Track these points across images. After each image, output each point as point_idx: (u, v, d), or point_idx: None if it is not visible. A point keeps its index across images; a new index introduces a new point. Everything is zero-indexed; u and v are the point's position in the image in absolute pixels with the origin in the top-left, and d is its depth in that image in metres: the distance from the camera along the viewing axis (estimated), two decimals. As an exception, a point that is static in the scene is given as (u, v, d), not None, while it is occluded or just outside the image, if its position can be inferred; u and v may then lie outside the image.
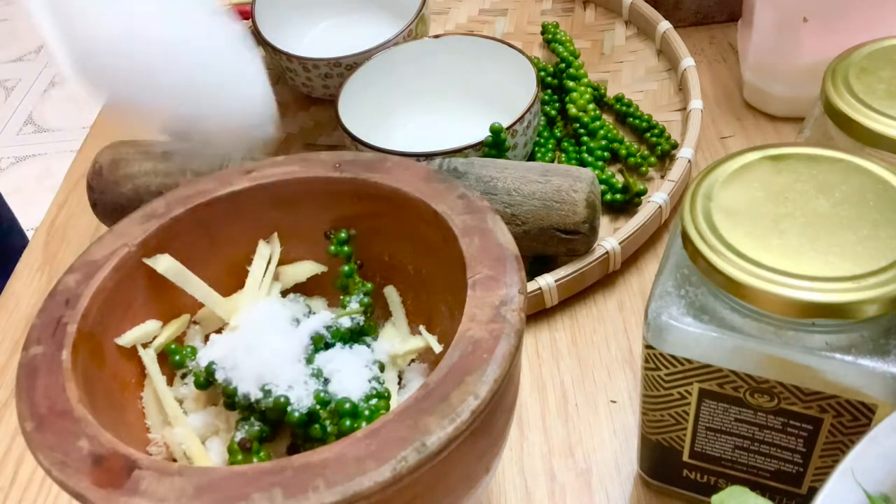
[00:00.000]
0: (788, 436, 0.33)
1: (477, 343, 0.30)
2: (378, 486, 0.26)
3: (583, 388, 0.47)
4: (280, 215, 0.40)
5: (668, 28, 0.65)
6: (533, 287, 0.49)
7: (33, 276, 0.59)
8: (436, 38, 0.62)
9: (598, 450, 0.44)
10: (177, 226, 0.38)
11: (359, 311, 0.39)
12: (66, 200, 0.65)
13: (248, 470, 0.27)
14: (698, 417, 0.35)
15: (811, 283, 0.29)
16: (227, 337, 0.38)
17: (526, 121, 0.54)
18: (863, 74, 0.40)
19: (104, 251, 0.36)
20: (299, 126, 0.67)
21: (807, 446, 0.33)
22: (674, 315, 0.32)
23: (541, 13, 0.74)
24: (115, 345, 0.36)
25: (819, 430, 0.33)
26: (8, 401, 0.51)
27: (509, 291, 0.32)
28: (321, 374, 0.36)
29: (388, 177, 0.38)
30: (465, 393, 0.28)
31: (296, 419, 0.34)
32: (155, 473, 0.27)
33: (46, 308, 0.34)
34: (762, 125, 0.61)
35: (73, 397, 0.30)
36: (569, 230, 0.48)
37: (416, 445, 0.27)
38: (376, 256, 0.41)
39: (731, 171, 0.34)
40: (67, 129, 1.95)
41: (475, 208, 0.36)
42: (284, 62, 0.64)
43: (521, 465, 0.43)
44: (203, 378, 0.37)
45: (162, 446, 0.36)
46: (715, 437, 0.35)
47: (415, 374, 0.40)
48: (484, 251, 0.34)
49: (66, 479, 0.27)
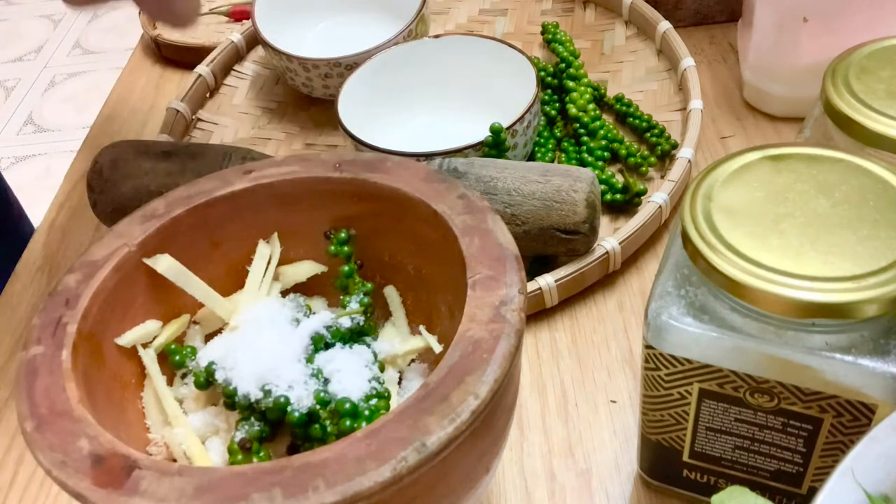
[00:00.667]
0: (788, 436, 0.33)
1: (477, 343, 0.30)
2: (378, 486, 0.26)
3: (583, 388, 0.47)
4: (280, 215, 0.40)
5: (668, 28, 0.65)
6: (533, 287, 0.49)
7: (33, 276, 0.59)
8: (436, 38, 0.62)
9: (598, 450, 0.44)
10: (177, 226, 0.38)
11: (359, 311, 0.39)
12: (66, 200, 0.65)
13: (248, 470, 0.27)
14: (698, 417, 0.35)
15: (811, 283, 0.29)
16: (227, 337, 0.38)
17: (526, 121, 0.54)
18: (863, 74, 0.40)
19: (104, 251, 0.36)
20: (299, 126, 0.67)
21: (807, 446, 0.33)
22: (674, 315, 0.32)
23: (541, 13, 0.74)
24: (115, 345, 0.36)
25: (819, 430, 0.33)
26: (8, 401, 0.51)
27: (509, 291, 0.32)
28: (321, 374, 0.36)
29: (388, 177, 0.38)
30: (465, 393, 0.28)
31: (296, 419, 0.34)
32: (155, 473, 0.27)
33: (46, 308, 0.34)
34: (762, 125, 0.61)
35: (73, 397, 0.30)
36: (569, 230, 0.48)
37: (416, 445, 0.27)
38: (376, 256, 0.41)
39: (731, 171, 0.34)
40: (67, 129, 1.95)
41: (475, 208, 0.36)
42: (284, 62, 0.64)
43: (521, 465, 0.44)
44: (203, 378, 0.37)
45: (162, 446, 0.36)
46: (715, 437, 0.35)
47: (415, 374, 0.40)
48: (484, 251, 0.34)
49: (66, 479, 0.27)
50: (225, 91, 0.71)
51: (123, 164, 0.52)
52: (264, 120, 0.68)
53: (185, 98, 0.67)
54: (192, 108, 0.68)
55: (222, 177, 0.40)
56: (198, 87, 0.68)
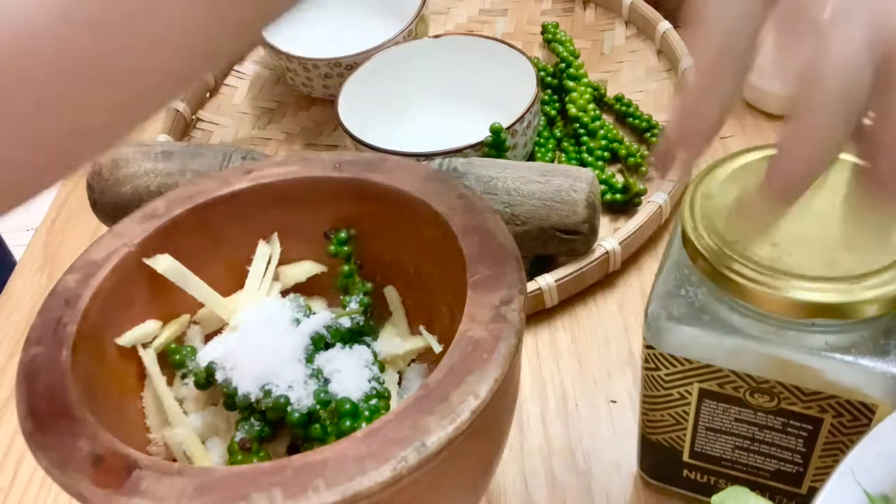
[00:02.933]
0: (788, 436, 0.33)
1: (477, 343, 0.30)
2: (378, 486, 0.26)
3: (583, 388, 0.47)
4: (280, 215, 0.40)
5: (668, 28, 0.65)
6: (533, 287, 0.49)
7: (33, 276, 0.59)
8: (436, 38, 0.62)
9: (598, 450, 0.44)
10: (177, 226, 0.38)
11: (359, 311, 0.39)
12: (66, 200, 0.65)
13: (248, 470, 0.27)
14: (698, 417, 0.35)
15: (811, 283, 0.29)
16: (227, 337, 0.38)
17: (526, 121, 0.54)
18: None
19: (104, 251, 0.36)
20: (299, 126, 0.67)
21: (807, 446, 0.33)
22: (674, 315, 0.32)
23: (541, 13, 0.74)
24: (115, 345, 0.36)
25: (819, 430, 0.33)
26: (8, 401, 0.51)
27: (509, 291, 0.32)
28: (321, 374, 0.36)
29: (389, 177, 0.38)
30: (465, 393, 0.28)
31: (296, 419, 0.34)
32: (155, 473, 0.27)
33: (46, 308, 0.34)
34: (762, 125, 0.61)
35: (73, 397, 0.30)
36: (569, 230, 0.48)
37: (416, 445, 0.27)
38: (376, 256, 0.41)
39: (731, 170, 0.34)
40: (67, 129, 1.95)
41: (475, 208, 0.36)
42: (284, 62, 0.64)
43: (521, 465, 0.43)
44: (203, 378, 0.37)
45: (162, 446, 0.36)
46: (715, 437, 0.35)
47: (415, 374, 0.40)
48: (484, 251, 0.34)
49: (66, 479, 0.27)
50: (225, 91, 0.71)
51: (123, 164, 0.52)
52: (264, 120, 0.68)
53: (185, 98, 0.67)
54: (192, 108, 0.68)
55: (222, 177, 0.40)
56: (198, 87, 0.68)
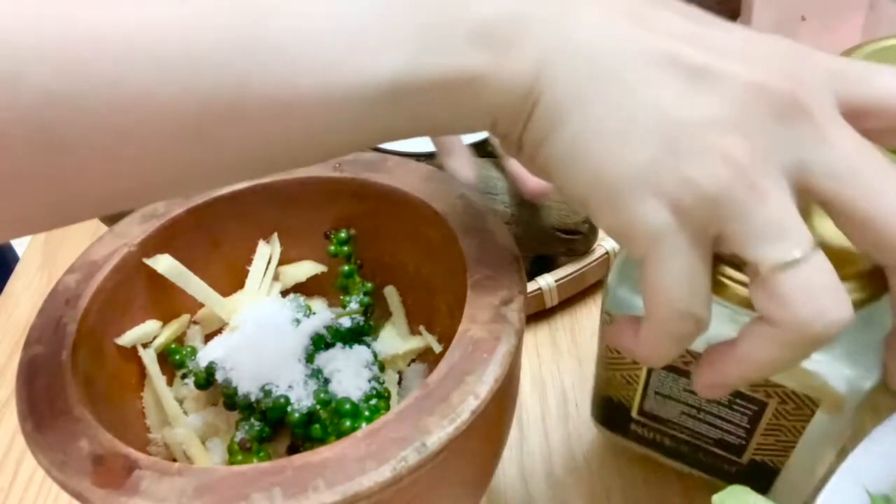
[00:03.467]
0: (734, 412, 0.34)
1: (477, 343, 0.30)
2: (378, 486, 0.26)
3: (583, 388, 0.47)
4: (280, 215, 0.40)
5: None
6: (533, 287, 0.49)
7: (33, 276, 0.59)
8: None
9: (598, 450, 0.44)
10: (177, 226, 0.38)
11: (359, 311, 0.39)
12: (66, 200, 0.65)
13: (248, 470, 0.27)
14: (648, 382, 0.36)
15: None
16: (227, 337, 0.38)
17: (526, 121, 0.54)
18: None
19: (104, 251, 0.36)
20: (299, 126, 0.67)
21: (751, 424, 0.34)
22: (632, 287, 0.33)
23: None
24: (115, 345, 0.36)
25: (763, 412, 0.33)
26: (8, 401, 0.51)
27: (509, 291, 0.32)
28: (321, 374, 0.36)
29: (389, 177, 0.38)
30: (465, 393, 0.28)
31: (296, 419, 0.34)
32: (155, 473, 0.27)
33: (46, 308, 0.34)
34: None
35: (73, 397, 0.30)
36: (569, 230, 0.48)
37: (416, 445, 0.27)
38: (376, 256, 0.41)
39: None
40: (67, 129, 1.95)
41: (475, 208, 0.36)
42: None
43: (521, 465, 0.43)
44: (203, 378, 0.37)
45: (162, 446, 0.36)
46: (663, 400, 0.36)
47: (415, 374, 0.40)
48: (484, 251, 0.34)
49: (66, 479, 0.27)
50: (225, 91, 0.71)
51: (123, 164, 0.52)
52: (264, 120, 0.68)
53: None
54: (191, 108, 0.67)
55: (222, 177, 0.40)
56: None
